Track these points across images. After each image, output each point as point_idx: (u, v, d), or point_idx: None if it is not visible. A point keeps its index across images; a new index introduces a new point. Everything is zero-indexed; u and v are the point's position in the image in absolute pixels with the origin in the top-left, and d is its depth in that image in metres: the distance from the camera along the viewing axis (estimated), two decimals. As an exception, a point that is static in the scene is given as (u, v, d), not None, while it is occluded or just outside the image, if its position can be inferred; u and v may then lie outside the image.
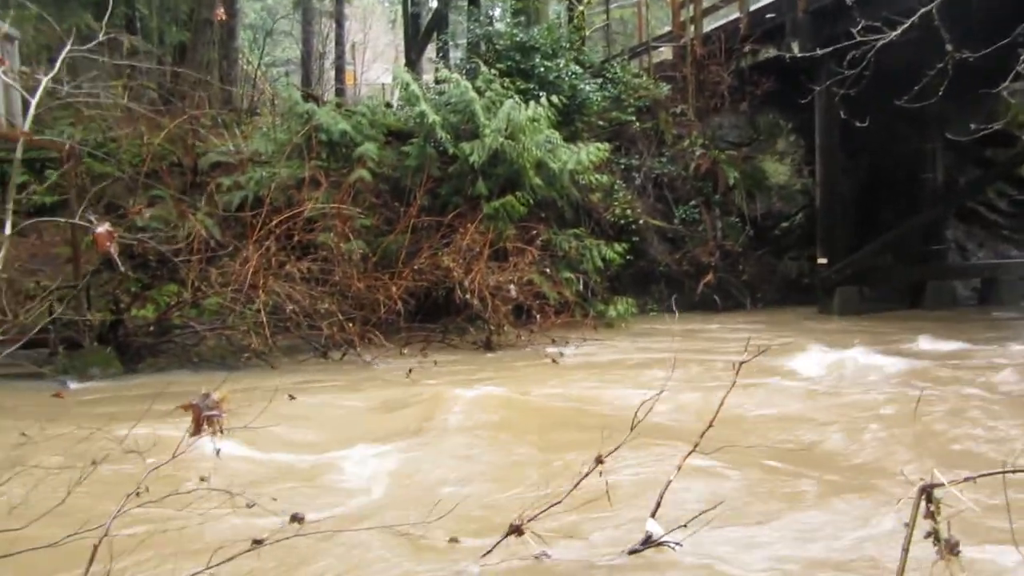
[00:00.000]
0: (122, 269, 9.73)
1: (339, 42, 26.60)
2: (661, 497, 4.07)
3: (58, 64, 3.45)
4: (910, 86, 10.24)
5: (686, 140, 17.37)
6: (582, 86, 16.38)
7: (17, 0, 14.03)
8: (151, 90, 16.91)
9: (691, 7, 18.71)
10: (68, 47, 3.63)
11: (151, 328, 11.01)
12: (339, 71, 26.86)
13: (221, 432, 2.92)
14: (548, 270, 13.13)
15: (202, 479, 3.26)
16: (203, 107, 15.74)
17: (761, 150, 17.71)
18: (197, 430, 2.93)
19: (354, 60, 32.27)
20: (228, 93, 18.85)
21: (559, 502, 3.94)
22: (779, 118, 17.70)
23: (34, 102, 3.27)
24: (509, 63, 16.09)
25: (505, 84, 14.87)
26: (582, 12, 20.18)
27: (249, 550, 3.37)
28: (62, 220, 9.78)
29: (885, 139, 15.23)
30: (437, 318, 12.78)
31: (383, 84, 28.43)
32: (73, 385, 9.50)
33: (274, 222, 11.05)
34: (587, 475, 3.97)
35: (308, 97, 16.78)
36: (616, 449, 4.05)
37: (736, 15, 17.87)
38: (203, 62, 18.14)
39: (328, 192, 12.37)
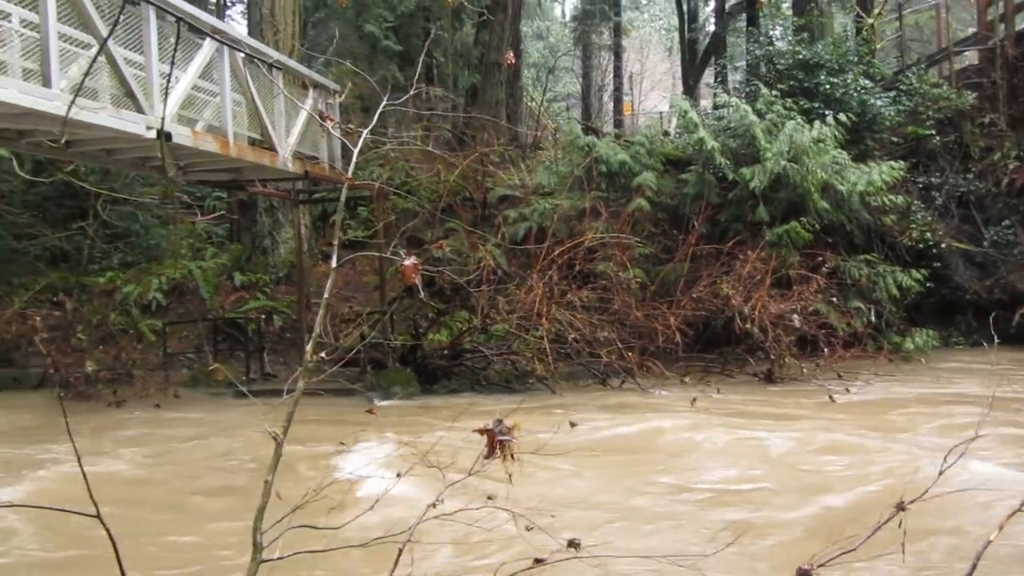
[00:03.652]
0: (423, 297, 10.70)
1: (617, 74, 27.28)
2: (978, 558, 3.64)
3: (375, 117, 3.93)
4: None
5: (996, 153, 15.66)
6: (872, 101, 15.36)
7: (337, 59, 15.98)
8: (446, 131, 18.40)
9: (1000, 4, 16.96)
10: (385, 101, 4.12)
11: (445, 351, 11.97)
12: (617, 102, 27.51)
13: (512, 457, 3.13)
14: (836, 299, 12.39)
15: (489, 498, 3.51)
16: (492, 144, 16.87)
17: (1093, 160, 15.50)
18: (490, 453, 3.16)
19: (632, 90, 32.81)
20: (514, 130, 20.00)
21: (853, 550, 3.67)
22: (1116, 123, 15.42)
23: (355, 151, 3.74)
24: (791, 82, 15.52)
25: (787, 105, 14.34)
26: (872, 24, 18.93)
27: (531, 568, 3.56)
28: (376, 255, 10.95)
29: None
30: (715, 348, 12.56)
31: (660, 112, 28.60)
32: (377, 401, 10.58)
33: (556, 252, 11.55)
34: (886, 523, 3.66)
35: (588, 130, 17.35)
36: (920, 497, 3.71)
37: (1058, 8, 15.96)
38: (491, 102, 19.43)
39: (607, 222, 12.70)
